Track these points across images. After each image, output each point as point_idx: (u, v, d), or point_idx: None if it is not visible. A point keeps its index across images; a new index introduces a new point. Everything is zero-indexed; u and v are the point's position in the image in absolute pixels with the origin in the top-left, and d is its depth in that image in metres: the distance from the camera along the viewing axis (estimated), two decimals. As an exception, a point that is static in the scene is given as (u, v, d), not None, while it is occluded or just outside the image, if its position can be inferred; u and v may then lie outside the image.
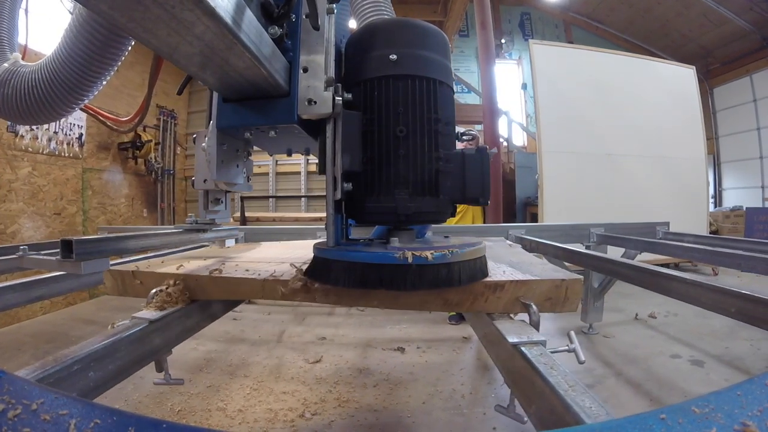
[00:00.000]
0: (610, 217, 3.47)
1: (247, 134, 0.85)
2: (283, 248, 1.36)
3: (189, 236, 1.20)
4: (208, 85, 0.76)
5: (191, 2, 0.46)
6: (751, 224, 5.83)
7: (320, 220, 4.66)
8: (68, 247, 0.81)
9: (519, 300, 0.72)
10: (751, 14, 7.09)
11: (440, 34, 0.82)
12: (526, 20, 8.37)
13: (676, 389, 1.97)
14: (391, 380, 2.10)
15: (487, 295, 0.73)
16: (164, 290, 0.78)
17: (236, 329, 3.06)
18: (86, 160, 4.71)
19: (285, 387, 2.02)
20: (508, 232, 2.50)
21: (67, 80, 1.12)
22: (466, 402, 1.89)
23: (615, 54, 5.30)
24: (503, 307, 0.73)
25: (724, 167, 8.13)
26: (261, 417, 1.75)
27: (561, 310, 0.74)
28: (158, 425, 0.30)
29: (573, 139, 4.55)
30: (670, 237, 2.60)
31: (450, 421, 1.74)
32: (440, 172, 0.74)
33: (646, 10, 7.81)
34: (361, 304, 0.76)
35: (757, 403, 0.33)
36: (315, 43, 0.75)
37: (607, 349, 2.53)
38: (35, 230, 4.07)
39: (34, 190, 4.05)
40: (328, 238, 0.74)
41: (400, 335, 2.82)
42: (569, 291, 0.73)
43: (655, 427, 0.31)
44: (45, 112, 1.21)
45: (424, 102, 0.74)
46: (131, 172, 5.28)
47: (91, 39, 1.04)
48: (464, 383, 2.07)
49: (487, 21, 3.65)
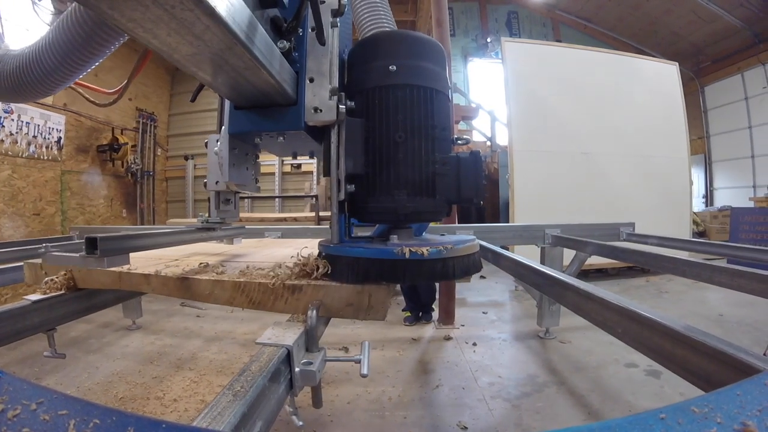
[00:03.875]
0: (588, 217, 3.43)
1: (256, 139, 0.91)
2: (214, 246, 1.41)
3: (201, 234, 1.26)
4: (220, 93, 0.81)
5: (191, 2, 0.46)
6: (737, 225, 5.72)
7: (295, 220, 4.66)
8: (93, 244, 0.85)
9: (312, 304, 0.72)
10: (741, 11, 6.98)
11: (437, 45, 0.87)
12: (513, 19, 8.33)
13: (620, 402, 1.89)
14: (325, 379, 2.10)
15: (286, 297, 0.73)
16: (54, 279, 0.88)
17: (196, 325, 3.11)
18: (65, 162, 4.78)
19: (224, 380, 2.05)
20: (455, 232, 2.49)
21: (47, 65, 1.23)
22: (391, 405, 1.88)
23: (595, 51, 5.22)
24: (303, 309, 0.73)
25: (716, 166, 8.03)
26: (192, 407, 1.83)
27: (365, 317, 0.74)
28: (157, 425, 0.30)
29: (546, 137, 4.49)
30: (634, 239, 2.55)
31: (368, 422, 1.73)
32: (437, 174, 0.79)
33: (634, 8, 7.73)
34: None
35: (756, 403, 0.33)
36: (320, 55, 0.80)
37: (559, 356, 2.48)
38: (15, 230, 4.17)
39: (14, 192, 4.13)
40: (333, 236, 0.80)
41: (351, 335, 2.82)
42: (372, 298, 0.73)
43: (655, 427, 0.31)
44: (30, 91, 1.34)
45: (421, 109, 0.79)
46: (110, 174, 5.34)
47: (77, 30, 1.13)
48: (395, 386, 2.06)
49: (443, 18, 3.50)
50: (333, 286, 0.73)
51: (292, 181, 5.80)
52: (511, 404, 1.90)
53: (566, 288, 1.03)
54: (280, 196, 5.58)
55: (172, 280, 0.81)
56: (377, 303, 0.73)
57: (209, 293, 0.78)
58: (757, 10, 6.84)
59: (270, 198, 5.63)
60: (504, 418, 1.79)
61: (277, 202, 5.73)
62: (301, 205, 5.55)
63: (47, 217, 4.56)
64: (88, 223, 4.98)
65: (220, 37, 0.54)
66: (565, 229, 2.61)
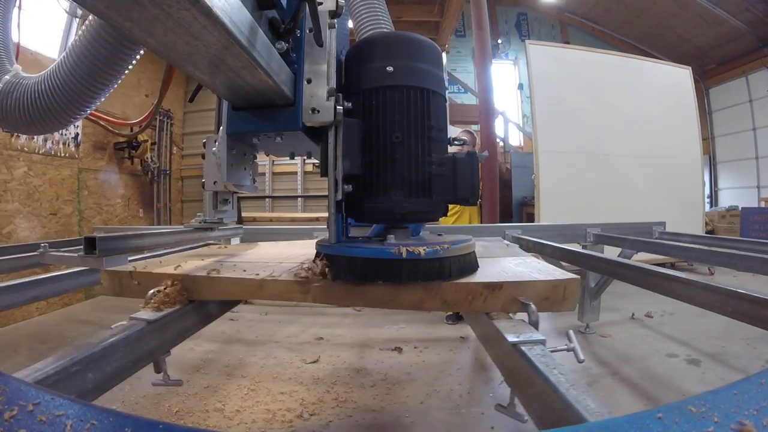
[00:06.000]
0: (606, 217, 3.47)
1: (254, 140, 0.92)
2: (282, 248, 1.36)
3: (199, 234, 1.24)
4: (219, 94, 0.80)
5: (188, 2, 0.46)
6: (747, 224, 5.86)
7: (317, 220, 4.65)
8: (91, 244, 0.84)
9: (517, 300, 0.72)
10: (746, 15, 7.12)
11: (433, 46, 0.87)
12: (522, 21, 8.39)
13: (672, 388, 1.97)
14: (389, 380, 2.10)
15: (485, 295, 0.73)
16: (162, 291, 0.77)
17: (232, 329, 3.04)
18: (82, 160, 4.66)
19: (283, 387, 2.01)
20: (504, 232, 2.50)
21: (72, 90, 1.13)
22: (464, 401, 1.89)
23: (611, 54, 5.31)
24: (501, 306, 0.73)
25: (720, 167, 8.17)
26: (259, 417, 1.74)
27: (559, 309, 0.75)
28: (155, 426, 0.30)
29: (569, 138, 4.55)
30: (666, 237, 2.60)
31: (447, 421, 1.74)
32: (433, 174, 0.79)
33: (641, 11, 7.83)
34: (360, 303, 0.78)
35: (753, 402, 0.33)
36: (318, 56, 0.80)
37: (604, 349, 2.53)
38: (31, 231, 4.01)
39: (29, 191, 3.99)
40: (330, 236, 0.79)
41: (398, 335, 2.82)
42: (567, 291, 0.74)
43: (652, 426, 0.31)
44: (48, 122, 1.22)
45: (418, 110, 0.79)
46: (127, 172, 5.24)
47: (98, 48, 1.05)
48: (461, 383, 2.07)
49: (483, 21, 3.65)
50: (529, 283, 0.74)
51: (312, 181, 5.77)
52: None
53: (668, 279, 1.18)
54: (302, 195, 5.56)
55: (346, 287, 0.79)
56: (570, 295, 0.75)
57: (392, 299, 0.76)
58: (762, 14, 6.98)
59: (292, 198, 5.60)
60: (574, 408, 1.83)
61: (299, 202, 5.70)
62: (323, 204, 5.53)
63: (64, 217, 4.44)
64: (105, 223, 4.88)
65: (218, 37, 0.54)
66: (604, 228, 2.65)
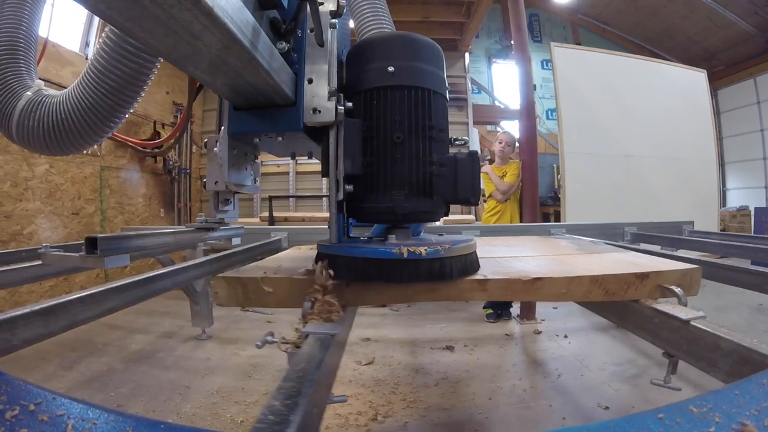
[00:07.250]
0: (630, 216, 3.51)
1: (255, 140, 0.92)
2: None
3: (200, 234, 1.24)
4: (220, 94, 0.80)
5: (189, 2, 0.45)
6: (760, 223, 5.96)
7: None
8: (93, 244, 0.84)
9: (660, 287, 0.80)
10: (755, 18, 7.21)
11: (435, 47, 0.87)
12: (534, 21, 8.42)
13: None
14: (450, 379, 2.12)
15: (636, 284, 0.81)
16: (319, 299, 0.70)
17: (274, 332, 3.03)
18: (104, 157, 4.57)
19: (345, 390, 1.99)
20: (549, 231, 2.53)
21: (100, 107, 1.08)
22: (529, 396, 1.92)
23: (628, 57, 5.37)
24: (648, 293, 0.81)
25: (728, 168, 8.26)
26: (332, 423, 1.68)
27: (687, 294, 0.81)
28: (156, 426, 0.30)
29: (592, 140, 4.60)
30: (696, 235, 2.62)
31: (519, 414, 1.76)
32: (434, 174, 0.79)
33: (652, 13, 7.91)
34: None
35: (755, 402, 0.33)
36: (319, 56, 0.80)
37: (642, 342, 2.52)
38: (52, 231, 3.85)
39: (51, 189, 3.85)
40: (331, 236, 0.80)
41: (443, 335, 2.84)
42: (693, 279, 0.84)
43: (653, 426, 0.30)
44: (75, 142, 1.15)
45: (419, 111, 0.79)
46: (148, 171, 5.17)
47: (124, 62, 1.02)
48: (521, 378, 2.10)
49: (521, 23, 3.67)
50: (666, 272, 0.82)
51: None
52: (630, 385, 2.03)
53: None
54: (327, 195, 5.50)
55: (519, 282, 0.81)
56: (695, 282, 0.84)
57: (565, 291, 0.80)
58: (770, 17, 7.11)
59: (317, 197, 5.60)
60: (631, 396, 1.91)
61: (324, 201, 5.69)
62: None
63: (86, 217, 4.34)
64: (127, 223, 4.81)
65: (219, 38, 0.54)
66: (639, 227, 2.67)
